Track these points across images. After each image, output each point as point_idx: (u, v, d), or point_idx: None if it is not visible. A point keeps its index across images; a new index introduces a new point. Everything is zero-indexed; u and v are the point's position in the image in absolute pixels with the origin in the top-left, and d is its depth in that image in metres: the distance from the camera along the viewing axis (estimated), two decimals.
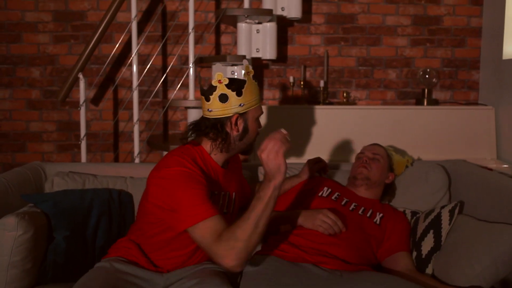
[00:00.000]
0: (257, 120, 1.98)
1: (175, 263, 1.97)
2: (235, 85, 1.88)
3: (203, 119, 1.96)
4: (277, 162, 1.66)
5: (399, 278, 1.87)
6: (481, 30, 3.90)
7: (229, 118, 1.90)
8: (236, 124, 1.91)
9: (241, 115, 1.91)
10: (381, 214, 2.25)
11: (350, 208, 2.23)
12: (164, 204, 1.79)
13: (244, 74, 1.92)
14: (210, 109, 1.90)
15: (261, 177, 2.56)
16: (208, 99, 1.89)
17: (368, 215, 2.23)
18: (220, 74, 1.87)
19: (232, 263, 1.65)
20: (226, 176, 2.02)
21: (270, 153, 1.66)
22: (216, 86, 1.87)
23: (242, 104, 1.89)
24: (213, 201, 1.87)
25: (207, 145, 1.96)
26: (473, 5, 3.88)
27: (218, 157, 1.97)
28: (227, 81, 1.86)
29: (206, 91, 1.91)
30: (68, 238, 2.07)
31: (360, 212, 2.23)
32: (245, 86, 1.88)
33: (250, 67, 1.93)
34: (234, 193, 2.07)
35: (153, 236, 1.94)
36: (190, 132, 2.00)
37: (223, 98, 1.86)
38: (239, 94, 1.87)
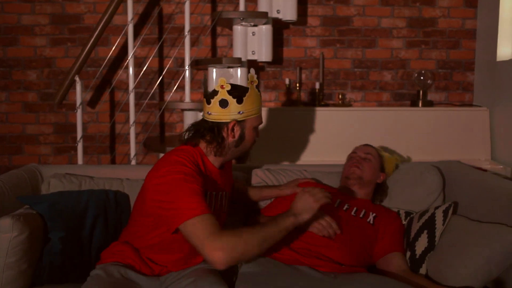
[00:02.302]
0: (255, 129, 2.01)
1: (173, 266, 1.98)
2: (237, 92, 1.92)
3: (202, 121, 2.00)
4: (312, 207, 1.84)
5: (393, 280, 1.88)
6: (475, 32, 3.92)
7: (226, 123, 1.93)
8: (232, 130, 1.94)
9: (239, 122, 1.94)
10: (374, 214, 2.27)
11: (344, 209, 2.25)
12: (163, 203, 1.78)
13: (248, 82, 1.96)
14: (209, 112, 1.94)
15: (255, 179, 2.57)
16: (209, 102, 1.93)
17: (361, 215, 2.25)
18: (223, 79, 1.91)
19: (223, 257, 1.64)
20: (222, 177, 2.07)
21: (311, 197, 1.84)
22: (218, 91, 1.91)
23: (241, 112, 1.92)
24: (210, 202, 1.92)
25: (203, 146, 1.99)
26: (468, 7, 3.91)
27: (214, 160, 2.00)
28: (229, 87, 1.90)
29: (208, 94, 1.96)
30: (63, 239, 2.07)
31: (353, 213, 2.24)
32: (247, 94, 1.92)
33: (255, 77, 1.98)
34: (229, 193, 2.13)
35: (153, 238, 1.94)
36: (188, 132, 2.04)
37: (223, 103, 1.90)
38: (239, 101, 1.90)
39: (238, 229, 1.74)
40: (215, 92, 1.92)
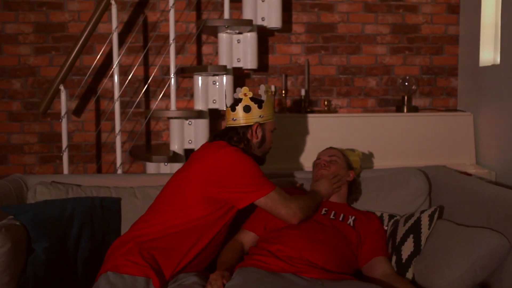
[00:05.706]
0: (271, 132, 2.31)
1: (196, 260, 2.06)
2: (257, 99, 2.25)
3: (226, 128, 2.27)
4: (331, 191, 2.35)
5: (379, 287, 1.89)
6: (458, 38, 3.97)
7: (250, 126, 2.23)
8: (256, 132, 2.24)
9: (261, 125, 2.25)
10: (353, 217, 2.28)
11: (322, 213, 2.27)
12: (226, 183, 2.02)
13: (264, 92, 2.27)
14: (234, 118, 2.23)
15: None
16: (234, 110, 2.23)
17: (340, 219, 2.26)
18: (246, 88, 2.24)
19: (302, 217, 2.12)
20: None
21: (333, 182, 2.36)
22: (241, 99, 2.23)
23: (261, 116, 2.24)
24: None
25: None
26: (450, 13, 3.96)
27: None
28: (251, 95, 2.24)
29: (232, 103, 2.26)
30: (47, 249, 2.04)
31: (332, 216, 2.26)
32: (265, 101, 2.25)
33: (270, 88, 2.33)
34: None
35: (192, 221, 2.01)
36: (214, 138, 2.25)
37: (247, 108, 2.21)
38: (260, 107, 2.23)
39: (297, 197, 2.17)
40: (239, 100, 2.24)
